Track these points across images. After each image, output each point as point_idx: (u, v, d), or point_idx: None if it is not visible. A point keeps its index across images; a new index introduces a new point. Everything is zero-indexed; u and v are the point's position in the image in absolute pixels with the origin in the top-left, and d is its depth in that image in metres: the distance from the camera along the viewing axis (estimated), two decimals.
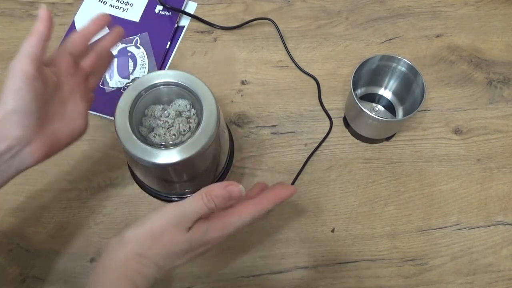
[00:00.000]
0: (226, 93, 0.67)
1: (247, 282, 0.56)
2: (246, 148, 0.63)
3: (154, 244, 0.39)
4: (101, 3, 0.71)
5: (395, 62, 0.60)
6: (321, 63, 0.69)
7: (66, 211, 0.59)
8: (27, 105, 0.39)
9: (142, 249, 0.39)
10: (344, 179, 0.62)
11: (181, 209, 0.39)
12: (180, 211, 0.39)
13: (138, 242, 0.39)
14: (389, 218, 0.60)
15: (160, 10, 0.71)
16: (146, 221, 0.40)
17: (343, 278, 0.57)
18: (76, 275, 0.56)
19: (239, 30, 0.71)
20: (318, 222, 0.59)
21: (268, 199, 0.43)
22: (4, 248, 0.57)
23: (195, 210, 0.39)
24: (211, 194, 0.39)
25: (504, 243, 0.59)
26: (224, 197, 0.39)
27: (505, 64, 0.70)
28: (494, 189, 0.62)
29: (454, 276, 0.57)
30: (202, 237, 0.39)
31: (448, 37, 0.72)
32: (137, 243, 0.39)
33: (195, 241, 0.39)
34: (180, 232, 0.39)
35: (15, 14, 0.72)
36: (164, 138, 0.49)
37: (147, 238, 0.39)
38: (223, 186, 0.39)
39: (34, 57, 0.39)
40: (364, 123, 0.59)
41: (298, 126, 0.65)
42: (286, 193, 0.44)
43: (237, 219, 0.40)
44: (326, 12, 0.73)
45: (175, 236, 0.39)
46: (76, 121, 0.45)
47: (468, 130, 0.65)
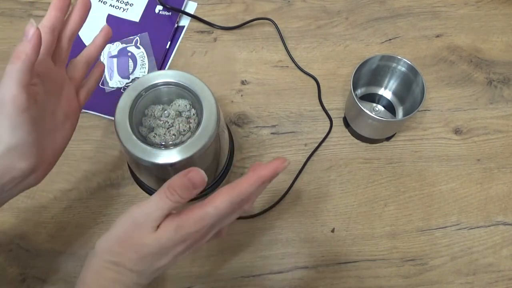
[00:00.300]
0: (226, 93, 0.67)
1: (247, 282, 0.56)
2: (246, 148, 0.63)
3: (123, 250, 0.37)
4: (101, 3, 0.71)
5: (395, 62, 0.60)
6: (321, 63, 0.69)
7: (66, 211, 0.59)
8: (28, 137, 0.37)
9: (114, 257, 0.37)
10: (344, 179, 0.62)
11: (144, 208, 0.36)
12: (144, 211, 0.36)
13: (108, 251, 0.37)
14: (389, 218, 0.60)
15: (160, 10, 0.71)
16: (113, 227, 0.38)
17: (343, 278, 0.57)
18: (76, 275, 0.55)
19: (239, 30, 0.71)
20: (318, 222, 0.59)
21: (245, 181, 0.36)
22: (4, 248, 0.57)
23: (159, 206, 0.36)
24: (172, 186, 0.35)
25: (504, 243, 0.59)
26: (186, 185, 0.35)
27: (505, 64, 0.70)
28: (494, 189, 0.62)
29: (454, 276, 0.57)
30: (174, 234, 0.36)
31: (448, 37, 0.72)
32: (108, 251, 0.37)
33: (166, 240, 0.36)
34: (148, 233, 0.36)
35: (15, 14, 0.72)
36: (164, 138, 0.49)
37: (116, 245, 0.37)
38: (183, 174, 0.36)
39: (24, 83, 0.36)
40: (364, 123, 0.59)
41: (298, 126, 0.65)
42: (265, 171, 0.36)
43: (213, 209, 0.36)
44: (326, 12, 0.73)
45: (142, 238, 0.36)
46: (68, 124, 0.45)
47: (468, 130, 0.65)
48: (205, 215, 0.36)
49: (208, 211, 0.36)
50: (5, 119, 0.36)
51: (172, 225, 0.36)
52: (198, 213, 0.36)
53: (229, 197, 0.36)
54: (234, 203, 0.36)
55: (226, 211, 0.36)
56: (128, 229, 0.37)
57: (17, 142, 0.37)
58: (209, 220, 0.36)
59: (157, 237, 0.36)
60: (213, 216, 0.36)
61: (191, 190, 0.35)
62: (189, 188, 0.35)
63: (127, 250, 0.37)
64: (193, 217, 0.36)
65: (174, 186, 0.35)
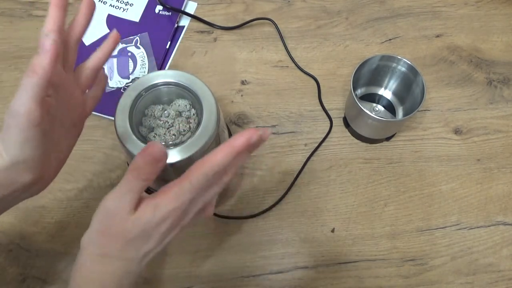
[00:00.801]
0: (226, 93, 0.67)
1: (247, 282, 0.56)
2: None
3: (106, 240, 0.36)
4: (101, 3, 0.71)
5: (395, 62, 0.60)
6: (321, 63, 0.69)
7: (66, 211, 0.59)
8: (36, 151, 0.36)
9: (99, 249, 0.36)
10: (344, 179, 0.62)
11: (117, 194, 0.35)
12: (116, 197, 0.35)
13: (93, 244, 0.37)
14: (389, 218, 0.60)
15: (160, 10, 0.71)
16: (91, 222, 0.37)
17: (343, 278, 0.57)
18: None
19: (239, 30, 0.71)
20: (318, 222, 0.59)
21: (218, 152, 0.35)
22: (4, 248, 0.57)
23: (129, 188, 0.35)
24: (135, 167, 0.35)
25: (504, 243, 0.59)
26: (148, 161, 0.34)
27: (505, 64, 0.70)
28: (494, 189, 0.62)
29: (454, 276, 0.57)
30: (153, 214, 0.35)
31: (448, 37, 0.72)
32: (92, 245, 0.37)
33: (146, 221, 0.35)
34: (126, 218, 0.35)
35: (15, 14, 0.72)
36: (164, 138, 0.49)
37: (98, 237, 0.36)
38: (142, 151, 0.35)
39: (40, 98, 0.34)
40: (364, 123, 0.59)
41: (298, 126, 0.65)
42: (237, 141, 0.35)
43: (188, 184, 0.35)
44: (326, 12, 0.73)
45: (121, 223, 0.35)
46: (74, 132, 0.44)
47: (468, 130, 0.65)
48: (180, 190, 0.35)
49: (183, 186, 0.35)
50: (16, 133, 0.35)
51: (149, 206, 0.35)
52: (174, 189, 0.35)
53: (203, 170, 0.35)
54: (209, 176, 0.35)
55: (202, 184, 0.35)
56: (105, 219, 0.36)
57: (24, 157, 0.36)
58: (186, 195, 0.35)
59: (136, 219, 0.35)
60: (189, 190, 0.35)
61: (154, 164, 0.35)
62: (151, 162, 0.34)
63: (110, 239, 0.36)
64: (169, 194, 0.35)
65: (137, 165, 0.35)
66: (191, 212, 0.37)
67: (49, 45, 0.35)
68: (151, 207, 0.35)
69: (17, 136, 0.35)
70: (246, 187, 0.61)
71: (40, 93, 0.34)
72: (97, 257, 0.36)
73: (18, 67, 0.68)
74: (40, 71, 0.34)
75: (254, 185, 0.61)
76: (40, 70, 0.34)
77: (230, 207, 0.60)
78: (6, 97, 0.65)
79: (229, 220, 0.59)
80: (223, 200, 0.60)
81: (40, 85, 0.34)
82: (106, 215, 0.36)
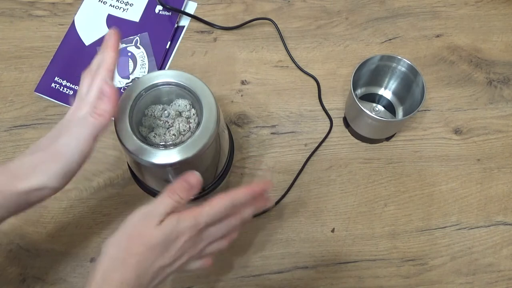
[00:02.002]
0: (226, 93, 0.67)
1: (247, 282, 0.56)
2: (246, 148, 0.63)
3: (130, 243, 0.39)
4: (101, 3, 0.71)
5: (395, 62, 0.60)
6: (321, 63, 0.69)
7: (66, 211, 0.59)
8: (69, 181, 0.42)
9: (121, 252, 0.39)
10: (344, 179, 0.62)
11: (149, 206, 0.41)
12: (148, 208, 0.41)
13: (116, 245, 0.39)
14: (389, 218, 0.60)
15: (160, 10, 0.71)
16: (121, 226, 0.41)
17: (343, 278, 0.57)
18: (76, 275, 0.56)
19: (239, 30, 0.71)
20: (318, 222, 0.59)
21: (240, 189, 0.43)
22: (4, 248, 0.57)
23: (162, 202, 0.41)
24: (173, 187, 0.42)
25: (504, 243, 0.59)
26: (184, 186, 0.42)
27: (505, 64, 0.70)
28: (494, 189, 0.62)
29: (454, 276, 0.57)
30: (175, 225, 0.39)
31: (448, 37, 0.72)
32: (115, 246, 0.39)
33: (170, 230, 0.39)
34: (153, 226, 0.39)
35: (15, 14, 0.72)
36: (164, 138, 0.49)
37: (124, 239, 0.40)
38: (181, 178, 0.42)
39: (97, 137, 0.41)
40: (364, 123, 0.59)
41: (298, 126, 0.65)
42: (257, 185, 0.44)
43: (208, 208, 0.41)
44: (326, 12, 0.73)
45: (148, 230, 0.39)
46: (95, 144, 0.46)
47: (468, 130, 0.65)
48: (201, 211, 0.41)
49: (204, 209, 0.41)
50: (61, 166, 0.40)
51: (174, 218, 0.40)
52: (196, 210, 0.41)
53: (225, 200, 0.41)
54: (227, 207, 0.41)
55: (220, 212, 0.41)
56: (137, 223, 0.40)
57: (59, 187, 0.41)
58: (204, 217, 0.40)
59: (161, 229, 0.39)
60: (208, 214, 0.41)
61: (189, 190, 0.42)
62: (186, 188, 0.42)
63: (134, 242, 0.39)
64: (191, 212, 0.40)
65: (174, 187, 0.42)
66: (202, 240, 0.42)
67: (111, 92, 0.41)
68: (174, 218, 0.40)
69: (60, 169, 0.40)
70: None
71: (99, 134, 0.41)
72: (115, 262, 0.38)
73: (18, 67, 0.68)
74: (106, 115, 0.41)
75: None
76: (106, 114, 0.41)
77: None
78: (6, 97, 0.65)
79: None
80: None
81: (101, 126, 0.41)
82: (138, 219, 0.40)
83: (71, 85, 0.66)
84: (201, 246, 0.42)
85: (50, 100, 0.65)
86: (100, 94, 0.41)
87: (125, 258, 0.38)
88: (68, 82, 0.66)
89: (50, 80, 0.66)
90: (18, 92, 0.66)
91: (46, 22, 0.71)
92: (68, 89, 0.66)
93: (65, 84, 0.66)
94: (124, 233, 0.40)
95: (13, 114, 0.64)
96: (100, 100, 0.41)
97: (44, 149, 0.41)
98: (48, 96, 0.65)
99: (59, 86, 0.66)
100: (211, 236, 0.42)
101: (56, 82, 0.66)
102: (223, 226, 0.43)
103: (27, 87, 0.66)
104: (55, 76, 0.66)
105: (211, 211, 0.41)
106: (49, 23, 0.71)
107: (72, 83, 0.66)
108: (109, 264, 0.38)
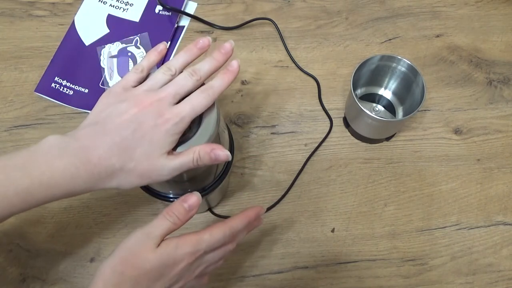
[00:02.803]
0: (226, 93, 0.67)
1: (247, 282, 0.56)
2: (246, 148, 0.63)
3: (125, 268, 0.38)
4: (101, 3, 0.71)
5: (395, 62, 0.60)
6: (321, 63, 0.69)
7: (66, 211, 0.59)
8: None
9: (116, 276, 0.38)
10: (344, 179, 0.62)
11: (146, 228, 0.40)
12: (145, 230, 0.40)
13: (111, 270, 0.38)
14: (389, 218, 0.60)
15: (160, 10, 0.71)
16: (117, 249, 0.39)
17: (343, 278, 0.57)
18: (76, 275, 0.56)
19: (239, 30, 0.71)
20: (318, 222, 0.59)
21: (237, 218, 0.44)
22: (4, 248, 0.57)
23: (159, 224, 0.40)
24: (170, 209, 0.41)
25: (504, 243, 0.59)
26: (183, 207, 0.41)
27: (505, 64, 0.70)
28: (494, 189, 0.62)
29: (454, 276, 0.57)
30: (173, 251, 0.39)
31: (448, 37, 0.72)
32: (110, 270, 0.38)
33: (168, 256, 0.39)
34: (150, 249, 0.38)
35: (15, 14, 0.72)
36: None
37: (119, 263, 0.38)
38: (180, 199, 0.42)
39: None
40: (364, 123, 0.59)
41: (298, 126, 0.65)
42: (252, 211, 0.45)
43: (208, 236, 0.41)
44: (326, 12, 0.73)
45: (144, 253, 0.38)
46: None
47: (468, 130, 0.65)
48: (201, 239, 0.40)
49: (203, 236, 0.40)
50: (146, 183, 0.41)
51: (172, 243, 0.39)
52: (195, 236, 0.40)
53: (224, 229, 0.42)
54: (226, 236, 0.42)
55: (219, 240, 0.41)
56: (133, 246, 0.39)
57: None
58: (203, 244, 0.40)
59: (158, 253, 0.38)
60: (207, 241, 0.40)
61: (187, 212, 0.41)
62: (185, 210, 0.41)
63: (129, 267, 0.38)
64: (190, 239, 0.40)
65: (172, 208, 0.41)
66: (200, 265, 0.42)
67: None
68: (173, 244, 0.39)
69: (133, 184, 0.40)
70: (246, 187, 0.61)
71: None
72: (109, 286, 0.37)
73: (18, 67, 0.68)
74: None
75: (254, 185, 0.61)
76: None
77: (230, 207, 0.60)
78: (6, 97, 0.65)
79: None
80: (223, 200, 0.60)
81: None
82: (134, 242, 0.39)
83: (71, 85, 0.66)
84: (198, 271, 0.42)
85: (50, 100, 0.65)
86: None
87: (120, 282, 0.37)
88: (68, 82, 0.66)
89: (50, 80, 0.66)
90: (18, 92, 0.66)
91: (46, 22, 0.71)
92: (68, 89, 0.66)
93: (65, 84, 0.66)
94: (119, 257, 0.39)
95: (13, 114, 0.64)
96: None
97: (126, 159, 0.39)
98: (48, 96, 0.65)
99: (59, 86, 0.66)
100: (208, 262, 0.42)
101: (56, 82, 0.66)
102: (220, 252, 0.43)
103: (27, 87, 0.66)
104: (55, 76, 0.66)
105: (211, 239, 0.41)
106: (49, 23, 0.71)
107: (72, 83, 0.66)
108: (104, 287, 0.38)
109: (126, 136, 0.39)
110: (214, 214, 0.59)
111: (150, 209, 0.59)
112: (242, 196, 0.61)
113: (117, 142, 0.38)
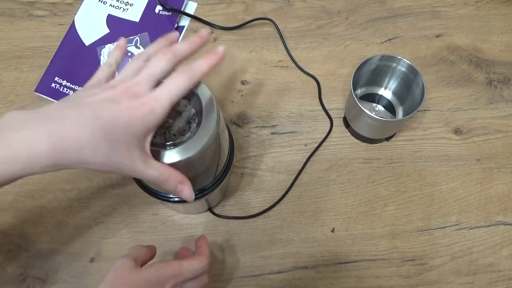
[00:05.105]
0: (226, 93, 0.67)
1: (247, 282, 0.56)
2: (246, 148, 0.63)
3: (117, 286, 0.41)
4: (101, 3, 0.71)
5: (395, 62, 0.60)
6: (321, 63, 0.69)
7: (66, 211, 0.59)
8: None
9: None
10: (344, 179, 0.62)
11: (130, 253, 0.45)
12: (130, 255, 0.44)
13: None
14: (389, 218, 0.60)
15: (160, 10, 0.71)
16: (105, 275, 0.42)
17: (343, 278, 0.57)
18: (76, 275, 0.56)
19: (239, 30, 0.71)
20: (318, 222, 0.59)
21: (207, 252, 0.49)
22: (4, 248, 0.57)
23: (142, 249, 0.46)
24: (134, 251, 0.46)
25: (504, 243, 0.59)
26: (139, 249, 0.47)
27: (505, 64, 0.70)
28: (494, 189, 0.62)
29: (454, 276, 0.57)
30: (156, 271, 0.42)
31: (448, 37, 0.72)
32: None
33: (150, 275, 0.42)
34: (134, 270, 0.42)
35: (15, 14, 0.72)
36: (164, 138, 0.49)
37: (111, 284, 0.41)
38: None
39: None
40: (364, 123, 0.59)
41: (298, 126, 0.65)
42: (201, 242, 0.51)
43: (187, 264, 0.45)
44: (326, 12, 0.73)
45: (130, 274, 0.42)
46: None
47: (468, 130, 0.65)
48: (181, 264, 0.44)
49: (184, 263, 0.45)
50: None
51: (155, 264, 0.43)
52: (176, 262, 0.45)
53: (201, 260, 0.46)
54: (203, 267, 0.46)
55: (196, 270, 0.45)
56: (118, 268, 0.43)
57: None
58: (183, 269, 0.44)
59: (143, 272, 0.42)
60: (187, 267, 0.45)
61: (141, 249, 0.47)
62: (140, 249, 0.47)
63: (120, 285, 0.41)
64: (172, 263, 0.44)
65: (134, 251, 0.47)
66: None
67: None
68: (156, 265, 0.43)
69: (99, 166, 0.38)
70: (246, 187, 0.61)
71: None
72: None
73: (18, 67, 0.68)
74: None
75: (254, 185, 0.61)
76: None
77: (230, 207, 0.60)
78: (6, 97, 0.65)
79: (229, 220, 0.59)
80: (223, 200, 0.60)
81: None
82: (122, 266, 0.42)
83: (71, 85, 0.66)
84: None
85: (50, 100, 0.65)
86: None
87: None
88: (68, 82, 0.66)
89: (50, 80, 0.66)
90: (18, 92, 0.66)
91: (46, 22, 0.71)
92: (68, 89, 0.66)
93: (65, 84, 0.66)
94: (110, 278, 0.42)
95: None
96: None
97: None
98: (48, 96, 0.65)
99: (59, 86, 0.66)
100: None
101: (56, 82, 0.66)
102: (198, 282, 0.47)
103: (27, 87, 0.66)
104: (55, 76, 0.66)
105: (190, 267, 0.45)
106: (49, 23, 0.71)
107: (72, 83, 0.66)
108: None
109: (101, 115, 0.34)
110: (214, 214, 0.59)
111: (150, 209, 0.59)
112: (242, 196, 0.61)
113: (89, 117, 0.33)
